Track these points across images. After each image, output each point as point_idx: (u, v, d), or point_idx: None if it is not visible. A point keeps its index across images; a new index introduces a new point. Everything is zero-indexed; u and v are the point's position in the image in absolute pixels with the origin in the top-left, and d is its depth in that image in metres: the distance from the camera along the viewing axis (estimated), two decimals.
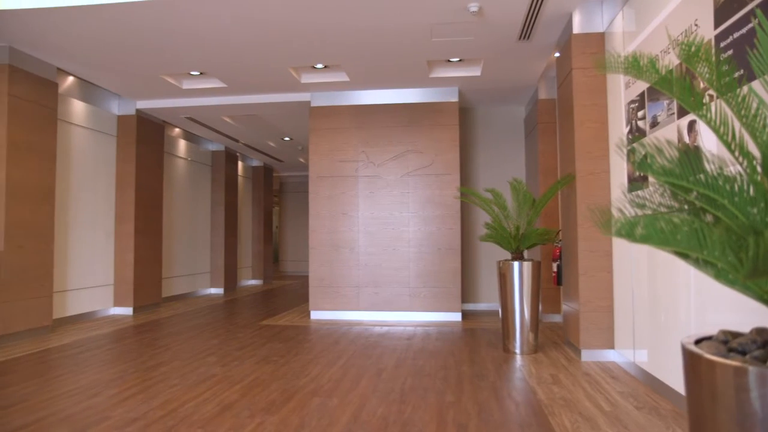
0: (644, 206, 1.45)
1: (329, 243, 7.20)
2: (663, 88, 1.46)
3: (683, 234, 1.15)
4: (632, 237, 1.23)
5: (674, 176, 1.26)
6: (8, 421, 3.09)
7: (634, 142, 3.97)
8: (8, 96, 5.50)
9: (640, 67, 1.49)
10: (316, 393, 3.64)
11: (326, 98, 7.29)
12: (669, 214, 1.33)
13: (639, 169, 1.36)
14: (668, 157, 1.28)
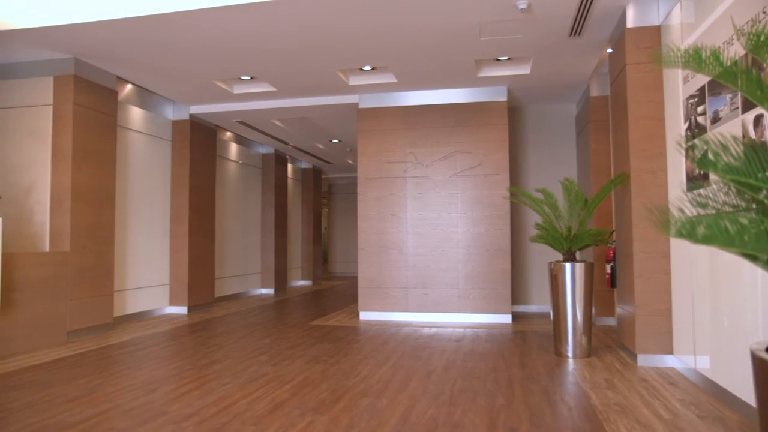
0: (706, 205, 1.39)
1: (378, 244, 7.23)
2: (727, 81, 1.39)
3: (751, 235, 1.10)
4: (694, 237, 1.18)
5: (741, 174, 1.20)
6: (76, 413, 3.23)
7: (694, 139, 3.81)
8: (73, 105, 5.76)
9: (702, 59, 1.42)
10: (366, 393, 3.65)
11: (374, 100, 7.32)
12: (734, 214, 1.26)
13: (700, 167, 1.30)
14: (734, 153, 1.22)
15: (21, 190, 5.86)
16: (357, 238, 7.41)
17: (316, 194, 13.41)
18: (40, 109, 5.87)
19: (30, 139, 5.87)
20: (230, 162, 9.78)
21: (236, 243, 9.89)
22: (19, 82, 5.97)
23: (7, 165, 5.91)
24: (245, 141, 10.34)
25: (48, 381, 4.01)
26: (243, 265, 10.14)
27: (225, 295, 9.39)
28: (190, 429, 2.95)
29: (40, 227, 5.78)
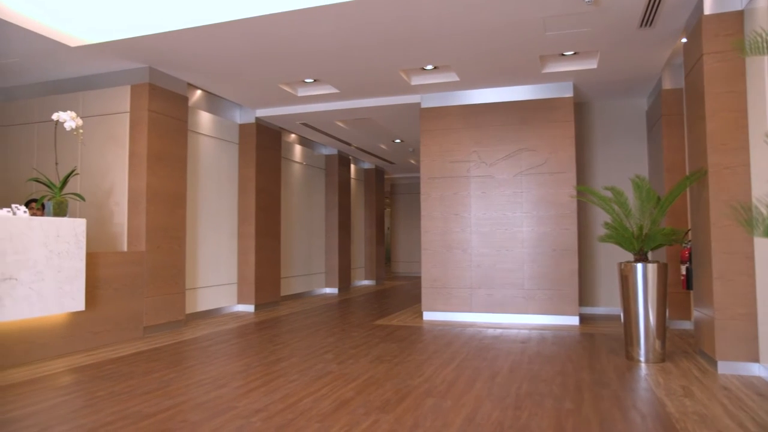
0: None
1: (442, 244, 7.19)
2: None
3: None
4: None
5: None
6: (153, 404, 3.39)
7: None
8: (148, 111, 6.05)
9: None
10: (430, 394, 3.63)
11: (436, 99, 7.28)
12: None
13: None
14: None
15: (102, 193, 6.21)
16: (420, 238, 7.39)
17: (378, 194, 13.49)
18: (118, 117, 6.19)
19: (110, 144, 6.21)
20: (295, 163, 9.99)
21: (301, 243, 10.09)
22: (99, 92, 6.33)
23: (91, 170, 6.28)
24: (309, 143, 10.54)
25: (128, 373, 4.23)
26: (307, 264, 10.33)
27: (290, 294, 9.60)
28: (258, 424, 3.03)
29: (119, 228, 6.11)
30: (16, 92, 6.95)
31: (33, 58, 5.88)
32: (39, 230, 4.61)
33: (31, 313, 4.53)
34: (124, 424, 3.04)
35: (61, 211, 4.97)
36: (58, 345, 4.92)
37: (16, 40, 5.34)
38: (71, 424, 3.08)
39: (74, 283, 4.90)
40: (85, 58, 5.88)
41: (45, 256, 4.64)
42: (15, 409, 3.34)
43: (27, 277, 4.49)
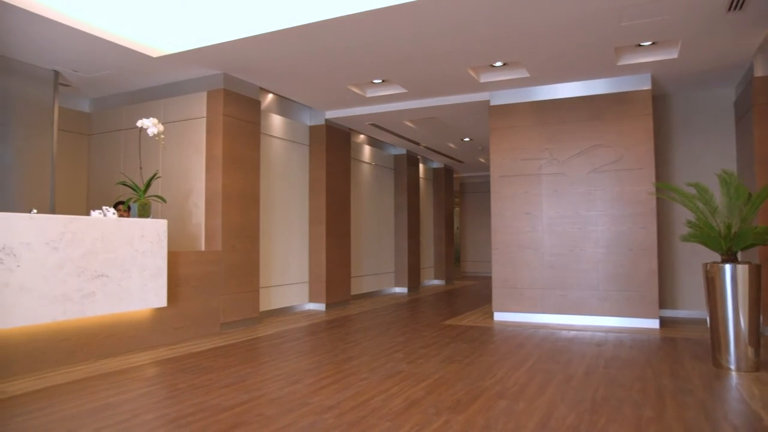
0: None
1: (512, 243, 7.05)
2: None
3: None
4: None
5: None
6: (230, 397, 3.52)
7: None
8: (223, 116, 6.29)
9: None
10: (502, 395, 3.57)
11: (506, 96, 7.15)
12: None
13: None
14: None
15: (181, 195, 6.51)
16: (490, 238, 7.28)
17: (447, 194, 13.41)
18: (196, 122, 6.48)
19: (188, 148, 6.50)
20: (364, 164, 10.09)
21: (371, 242, 10.18)
22: (178, 99, 6.64)
23: (171, 173, 6.60)
24: (378, 143, 10.62)
25: (207, 367, 4.41)
26: (377, 264, 10.41)
27: (360, 293, 9.70)
28: (330, 421, 3.08)
29: (197, 228, 6.38)
30: (106, 102, 7.42)
31: (120, 69, 6.25)
32: (126, 230, 4.90)
33: (119, 308, 4.82)
34: (203, 416, 3.17)
35: (145, 213, 5.25)
36: (143, 339, 5.20)
37: (106, 54, 5.69)
38: (157, 413, 3.24)
39: (157, 280, 5.17)
40: (165, 68, 6.19)
41: (131, 254, 4.92)
42: (109, 396, 3.56)
43: (116, 275, 4.78)
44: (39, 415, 3.22)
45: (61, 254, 4.35)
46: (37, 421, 3.12)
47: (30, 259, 4.14)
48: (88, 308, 4.55)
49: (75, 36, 5.22)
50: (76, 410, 3.31)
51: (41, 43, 5.43)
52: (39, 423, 3.08)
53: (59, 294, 4.33)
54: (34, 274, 4.17)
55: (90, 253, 4.57)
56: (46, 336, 4.38)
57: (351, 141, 9.18)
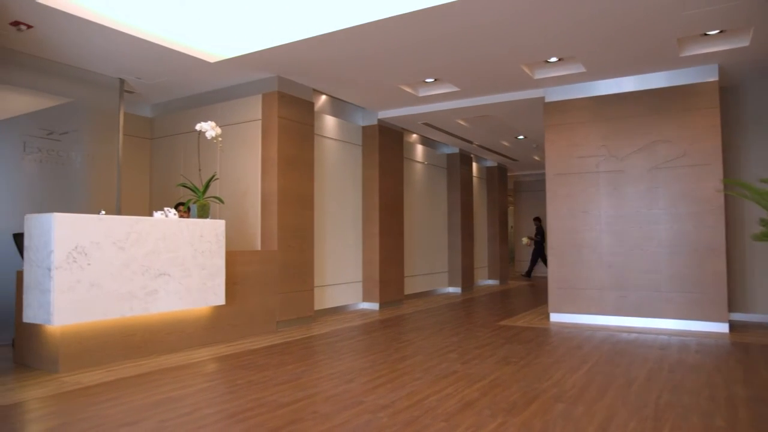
0: None
1: (569, 243, 6.88)
2: None
3: None
4: None
5: None
6: (287, 394, 3.58)
7: None
8: (278, 118, 6.41)
9: None
10: (559, 398, 3.48)
11: (561, 92, 6.98)
12: None
13: None
14: None
15: (238, 196, 6.68)
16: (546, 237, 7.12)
17: (501, 192, 13.22)
18: (251, 124, 6.63)
19: (244, 150, 6.66)
20: (416, 163, 10.07)
21: (424, 242, 10.15)
22: (235, 102, 6.82)
23: (228, 174, 6.78)
24: (430, 142, 10.57)
25: (263, 364, 4.51)
26: (430, 263, 10.37)
27: (413, 292, 9.69)
28: (385, 420, 3.09)
29: (253, 228, 6.54)
30: (167, 107, 7.70)
31: (180, 75, 6.47)
32: (186, 231, 5.07)
33: (180, 306, 4.99)
34: (261, 412, 3.24)
35: (204, 213, 5.41)
36: (203, 335, 5.36)
37: (167, 61, 5.90)
38: (217, 408, 3.34)
39: (216, 279, 5.32)
40: (222, 72, 6.37)
41: (191, 254, 5.09)
42: (173, 390, 3.69)
43: (177, 273, 4.95)
44: (110, 405, 3.37)
45: (127, 253, 4.55)
46: (108, 411, 3.27)
47: (99, 257, 4.34)
48: (152, 305, 4.74)
49: (138, 45, 5.45)
50: (142, 402, 3.45)
51: (108, 52, 5.69)
52: (110, 413, 3.23)
53: (126, 291, 4.52)
54: (103, 272, 4.37)
55: (153, 253, 4.75)
56: (115, 331, 4.59)
57: (403, 140, 9.18)
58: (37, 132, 5.86)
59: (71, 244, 4.17)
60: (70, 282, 4.15)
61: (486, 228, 12.96)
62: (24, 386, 3.87)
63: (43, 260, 4.14)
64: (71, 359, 4.30)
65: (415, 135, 9.93)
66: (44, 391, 3.74)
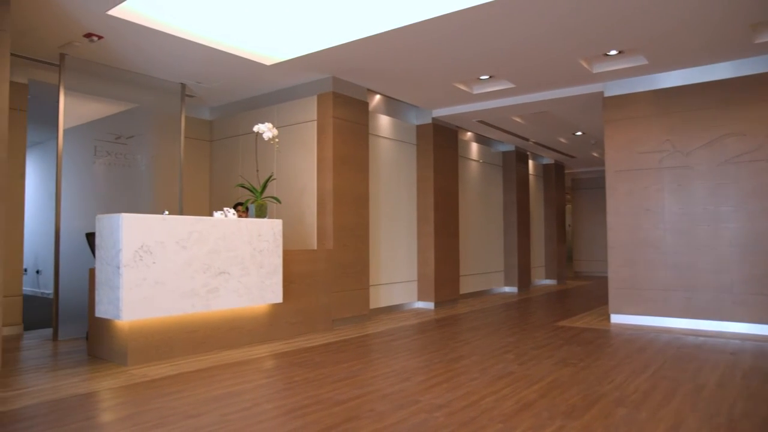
0: None
1: (631, 242, 6.64)
2: None
3: None
4: None
5: None
6: (343, 392, 3.62)
7: None
8: (333, 118, 6.49)
9: None
10: (621, 403, 3.37)
11: (621, 86, 6.74)
12: None
13: None
14: None
15: (294, 196, 6.80)
16: (605, 236, 6.91)
17: (559, 190, 12.92)
18: (307, 125, 6.73)
19: (300, 150, 6.78)
20: (471, 162, 9.97)
21: (479, 241, 10.04)
22: (290, 103, 6.94)
23: (285, 174, 6.91)
24: (486, 140, 10.45)
25: (319, 362, 4.57)
26: (486, 263, 10.25)
27: (469, 292, 9.60)
28: (441, 419, 3.07)
29: (309, 227, 6.64)
30: (225, 110, 7.93)
31: (237, 79, 6.65)
32: (245, 230, 5.20)
33: (239, 303, 5.12)
34: (317, 408, 3.28)
35: (262, 213, 5.54)
36: (261, 333, 5.49)
37: (225, 65, 6.08)
38: (275, 404, 3.41)
39: (273, 277, 5.43)
40: (278, 75, 6.49)
41: (250, 253, 5.21)
42: (233, 385, 3.80)
43: (236, 272, 5.09)
44: (175, 398, 3.50)
45: (189, 252, 4.71)
46: (173, 403, 3.39)
47: (163, 256, 4.51)
48: (213, 303, 4.88)
49: (199, 50, 5.63)
50: (204, 396, 3.56)
51: (170, 59, 5.91)
52: (175, 405, 3.35)
53: (188, 289, 4.68)
54: (167, 271, 4.54)
55: (213, 252, 4.90)
56: (178, 327, 4.76)
57: (458, 139, 9.11)
58: (106, 137, 6.15)
59: (138, 243, 4.36)
60: (136, 279, 4.33)
61: (543, 227, 12.70)
62: (97, 377, 4.07)
63: (113, 258, 4.34)
64: (138, 353, 4.49)
65: (469, 133, 9.84)
66: (115, 383, 3.92)
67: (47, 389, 3.76)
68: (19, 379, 4.05)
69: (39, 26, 5.06)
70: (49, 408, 3.36)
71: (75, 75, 5.86)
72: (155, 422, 3.06)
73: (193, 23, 5.17)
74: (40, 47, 5.59)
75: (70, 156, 5.84)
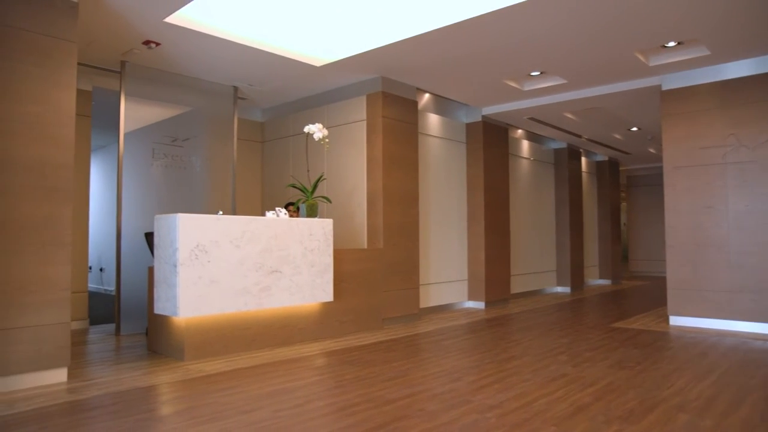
0: None
1: (691, 241, 6.37)
2: None
3: None
4: None
5: None
6: (393, 391, 3.62)
7: None
8: (382, 118, 6.50)
9: None
10: (683, 409, 3.24)
11: (680, 79, 6.48)
12: None
13: None
14: None
15: (344, 195, 6.86)
16: (663, 235, 6.66)
17: (613, 188, 12.55)
18: (356, 125, 6.78)
19: (350, 150, 6.83)
20: (522, 159, 9.81)
21: (530, 240, 9.86)
22: (340, 104, 7.00)
23: (335, 174, 6.98)
24: (536, 137, 10.25)
25: (370, 360, 4.59)
26: (537, 262, 10.06)
27: (520, 291, 9.44)
28: (493, 420, 3.03)
29: (359, 227, 6.68)
30: (276, 111, 8.07)
31: (288, 80, 6.76)
32: (296, 230, 5.28)
33: (291, 302, 5.21)
34: (368, 407, 3.30)
35: (313, 213, 5.61)
36: (312, 331, 5.56)
37: (276, 67, 6.19)
38: (326, 401, 3.45)
39: (324, 276, 5.50)
40: (328, 75, 6.56)
41: (301, 252, 5.29)
42: (285, 382, 3.86)
43: (288, 271, 5.17)
44: (229, 393, 3.59)
45: (242, 251, 4.82)
46: (228, 398, 3.48)
47: (217, 255, 4.64)
48: (265, 301, 4.98)
49: (250, 54, 5.76)
50: (258, 392, 3.64)
51: (223, 63, 6.06)
52: (229, 400, 3.44)
53: (241, 287, 4.79)
54: (221, 269, 4.66)
55: (266, 251, 5.00)
56: (232, 324, 4.88)
57: (508, 136, 8.97)
58: (163, 139, 6.37)
59: (193, 242, 4.49)
60: (192, 277, 4.47)
61: (596, 225, 12.37)
62: (156, 372, 4.22)
63: (170, 257, 4.49)
64: (194, 349, 4.63)
65: (520, 130, 9.68)
66: (173, 377, 4.05)
67: (112, 381, 3.93)
68: (87, 371, 4.25)
69: (102, 36, 5.29)
70: (113, 399, 3.51)
71: (134, 81, 6.09)
72: (211, 416, 3.15)
73: (244, 27, 5.29)
74: (102, 56, 5.83)
75: (130, 158, 6.08)
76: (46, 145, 3.92)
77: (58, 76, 4.02)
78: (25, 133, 3.84)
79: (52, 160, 3.95)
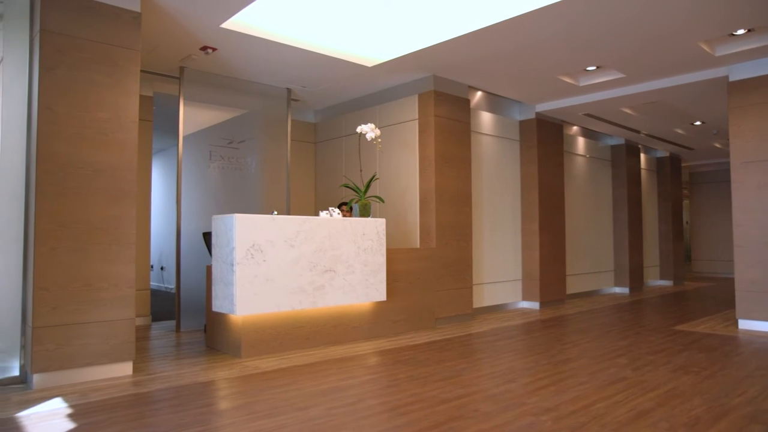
0: None
1: (762, 240, 6.05)
2: None
3: None
4: None
5: None
6: (447, 391, 3.60)
7: None
8: (434, 117, 6.47)
9: None
10: (756, 419, 3.07)
11: (750, 68, 6.15)
12: None
13: None
14: None
15: (397, 195, 6.87)
16: (730, 233, 6.34)
17: (674, 185, 12.05)
18: (408, 124, 6.77)
19: (402, 150, 6.83)
20: (578, 157, 9.56)
21: (587, 239, 9.60)
22: (392, 103, 7.01)
23: (387, 174, 7.00)
24: (593, 134, 9.97)
25: (423, 360, 4.58)
26: (594, 262, 9.78)
27: (576, 292, 9.21)
28: (548, 424, 2.97)
29: (412, 226, 6.67)
30: (328, 112, 8.16)
31: (340, 81, 6.82)
32: (349, 229, 5.32)
33: (344, 301, 5.25)
34: (422, 406, 3.29)
35: (366, 212, 5.64)
36: (365, 330, 5.59)
37: (328, 68, 6.25)
38: (379, 400, 3.46)
39: (377, 275, 5.52)
40: (379, 75, 6.58)
41: (354, 252, 5.33)
42: (339, 380, 3.91)
43: (341, 270, 5.22)
44: (284, 390, 3.66)
45: (297, 251, 4.90)
46: (283, 395, 3.55)
47: (273, 255, 4.73)
48: (319, 300, 5.05)
49: (303, 56, 5.84)
50: (312, 390, 3.69)
51: (277, 65, 6.18)
52: (284, 397, 3.50)
53: (295, 286, 4.87)
54: (276, 268, 4.75)
55: (320, 250, 5.06)
56: (286, 322, 4.97)
57: (563, 133, 8.76)
58: (220, 142, 6.55)
59: (249, 242, 4.60)
60: (249, 276, 4.58)
61: (657, 224, 11.91)
62: (214, 368, 4.35)
63: (227, 256, 4.61)
64: (251, 346, 4.74)
65: (575, 127, 9.43)
66: (230, 373, 4.17)
67: (172, 376, 4.08)
68: (150, 365, 4.42)
69: (162, 43, 5.49)
70: (174, 393, 3.64)
71: (192, 86, 6.29)
72: (267, 412, 3.22)
73: (296, 30, 5.37)
74: (162, 62, 6.06)
75: (188, 161, 6.29)
76: (112, 150, 4.11)
77: (124, 84, 4.20)
78: (94, 138, 4.04)
79: (117, 164, 4.13)
